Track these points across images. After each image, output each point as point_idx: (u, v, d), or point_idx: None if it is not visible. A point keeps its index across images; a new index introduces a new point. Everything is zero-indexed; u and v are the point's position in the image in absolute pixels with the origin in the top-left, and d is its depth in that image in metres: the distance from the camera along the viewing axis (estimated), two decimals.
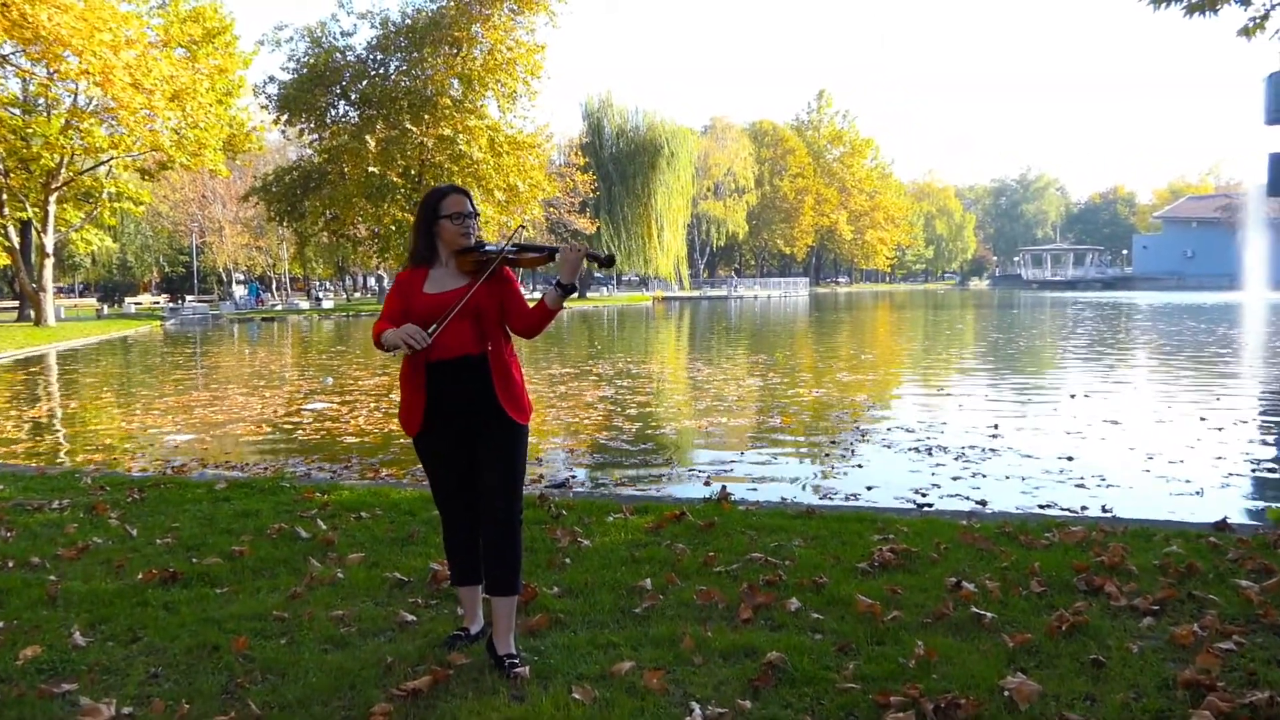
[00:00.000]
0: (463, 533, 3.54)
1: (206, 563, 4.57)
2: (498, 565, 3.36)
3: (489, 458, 3.37)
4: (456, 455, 3.43)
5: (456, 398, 3.36)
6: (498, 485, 3.35)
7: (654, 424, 10.28)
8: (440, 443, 3.44)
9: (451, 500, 3.52)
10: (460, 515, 3.52)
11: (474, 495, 3.45)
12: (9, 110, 27.90)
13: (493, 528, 3.35)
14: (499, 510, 3.34)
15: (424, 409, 3.39)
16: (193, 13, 28.98)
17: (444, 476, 3.49)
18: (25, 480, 6.69)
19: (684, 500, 6.04)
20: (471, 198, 3.54)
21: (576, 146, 57.67)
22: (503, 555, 3.35)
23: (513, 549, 3.36)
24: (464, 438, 3.40)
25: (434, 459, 3.48)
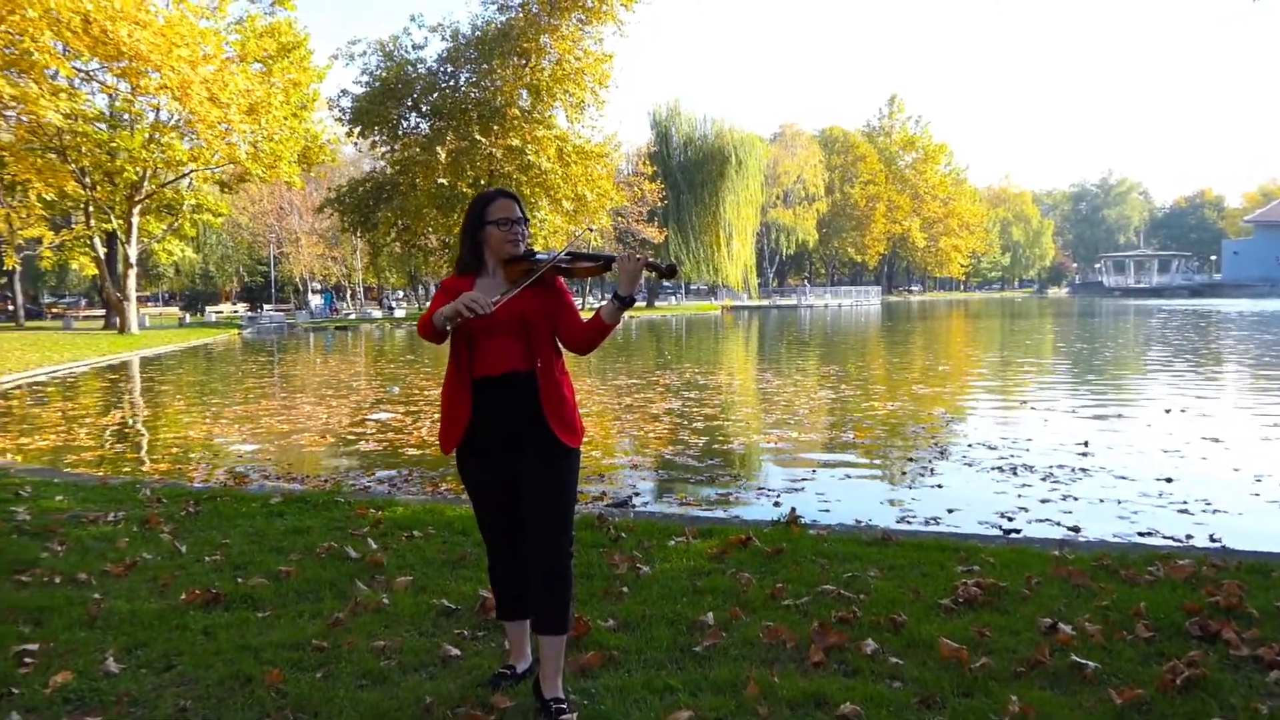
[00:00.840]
0: (508, 563, 3.27)
1: (251, 583, 4.39)
2: (545, 602, 3.08)
3: (536, 483, 3.10)
4: (502, 479, 3.17)
5: (502, 417, 3.11)
6: (545, 514, 3.08)
7: (721, 438, 9.95)
8: (484, 466, 3.18)
9: (496, 528, 3.26)
10: (505, 545, 3.26)
11: (520, 523, 3.18)
12: (95, 126, 28.78)
13: (540, 561, 3.07)
14: (546, 542, 3.07)
15: (465, 428, 3.14)
16: (269, 28, 29.56)
17: (488, 502, 3.23)
18: (86, 491, 6.65)
19: (751, 523, 5.72)
20: (521, 202, 3.28)
21: (644, 155, 57.68)
22: (550, 591, 3.07)
23: (561, 584, 3.08)
24: (510, 461, 3.14)
25: (477, 483, 3.22)
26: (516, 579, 3.26)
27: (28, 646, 3.61)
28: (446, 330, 3.04)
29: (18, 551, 4.94)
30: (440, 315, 2.97)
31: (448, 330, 3.04)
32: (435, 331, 3.05)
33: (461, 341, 3.14)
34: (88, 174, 29.61)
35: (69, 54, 22.11)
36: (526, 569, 3.17)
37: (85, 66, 24.60)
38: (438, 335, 3.08)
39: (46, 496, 6.36)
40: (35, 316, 55.21)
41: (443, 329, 3.02)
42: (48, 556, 4.86)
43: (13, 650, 3.58)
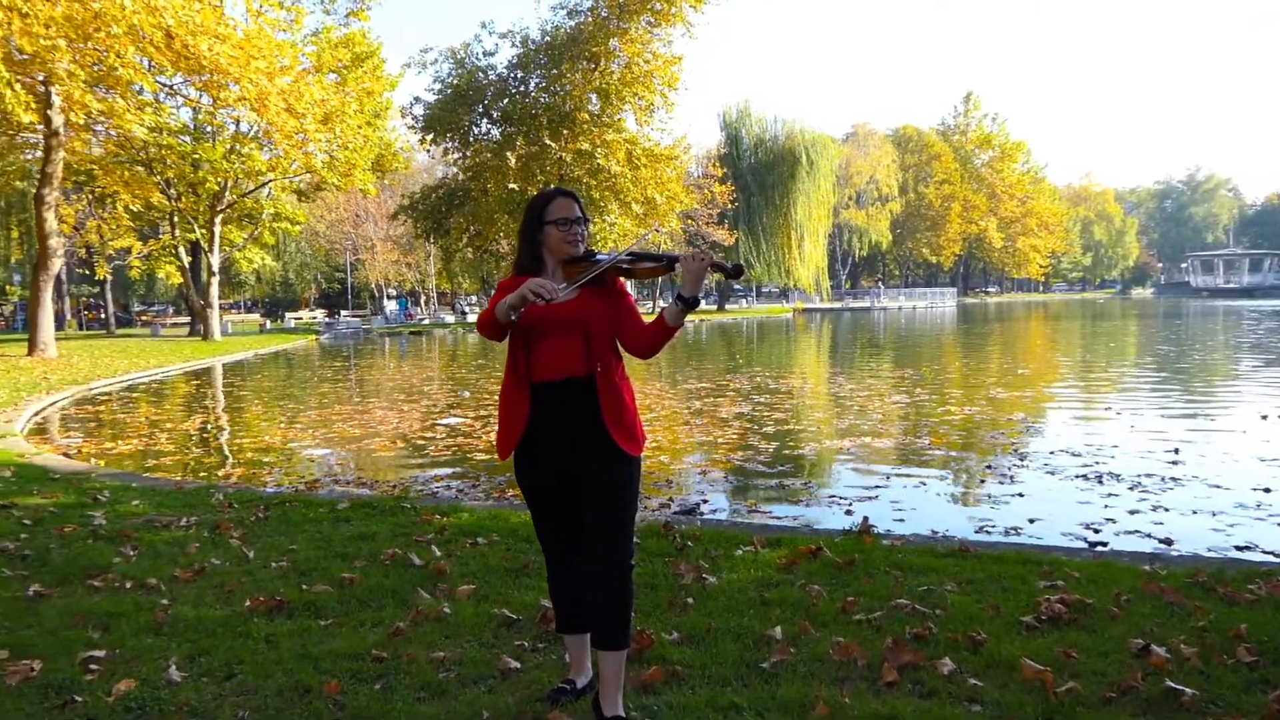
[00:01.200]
0: (567, 574, 3.18)
1: (315, 590, 4.38)
2: (604, 616, 2.98)
3: (595, 493, 3.00)
4: (560, 487, 3.08)
5: (561, 423, 3.02)
6: (604, 525, 2.98)
7: (792, 444, 9.75)
8: (542, 473, 3.09)
9: (554, 538, 3.17)
10: (564, 555, 3.17)
11: (579, 533, 3.09)
12: (180, 138, 29.70)
13: (598, 574, 2.97)
14: (605, 554, 2.97)
15: (523, 432, 3.06)
16: (344, 39, 30.14)
17: (545, 511, 3.15)
18: (162, 495, 6.76)
19: (822, 532, 5.54)
20: (581, 201, 3.18)
21: (714, 157, 57.45)
22: (609, 605, 2.97)
23: (621, 599, 2.98)
24: (568, 468, 3.05)
25: (535, 490, 3.14)
26: (575, 590, 3.16)
27: (94, 653, 3.64)
28: (508, 324, 2.95)
29: (92, 556, 5.02)
30: (503, 305, 2.88)
31: (510, 323, 2.94)
32: (496, 326, 2.97)
33: (519, 344, 3.06)
34: (173, 185, 30.59)
35: (154, 69, 22.85)
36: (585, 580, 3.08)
37: (170, 81, 25.38)
38: (498, 330, 2.99)
39: (124, 501, 6.48)
40: (126, 324, 57.22)
41: (506, 321, 2.92)
42: (120, 562, 4.93)
43: (80, 656, 3.61)
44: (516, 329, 3.03)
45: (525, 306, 2.87)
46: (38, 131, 22.16)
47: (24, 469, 7.96)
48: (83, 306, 59.26)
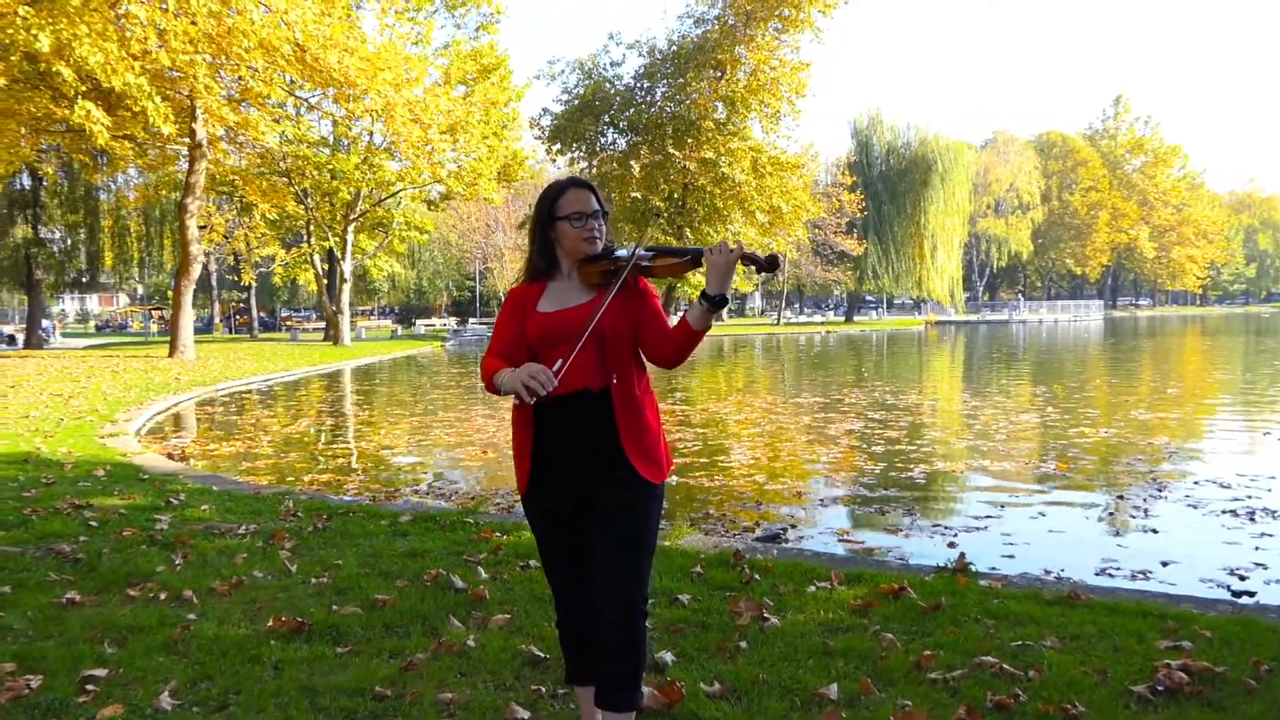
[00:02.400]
0: (579, 618, 2.76)
1: (344, 612, 4.10)
2: (610, 672, 2.55)
3: (606, 525, 2.57)
4: (569, 518, 2.66)
5: (571, 444, 2.60)
6: (614, 564, 2.54)
7: (901, 465, 9.06)
8: (548, 500, 2.68)
9: (563, 575, 2.75)
10: (576, 595, 2.75)
11: (591, 571, 2.66)
12: (318, 150, 30.80)
13: (604, 621, 2.53)
14: (613, 597, 2.53)
15: (531, 457, 2.66)
16: (472, 52, 30.67)
17: (552, 545, 2.73)
18: (236, 500, 6.68)
19: (912, 568, 4.95)
20: (598, 192, 2.77)
21: (843, 165, 56.17)
22: (617, 659, 2.53)
23: (631, 652, 2.53)
24: (579, 495, 2.63)
25: (540, 521, 2.73)
26: (587, 636, 2.74)
27: (97, 672, 3.43)
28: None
29: (140, 564, 4.89)
30: (503, 387, 2.51)
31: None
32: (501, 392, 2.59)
33: (525, 355, 2.67)
34: (309, 195, 31.73)
35: (293, 84, 23.69)
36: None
37: (306, 94, 26.30)
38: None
39: (194, 505, 6.41)
40: (270, 328, 59.95)
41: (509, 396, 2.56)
42: (163, 570, 4.77)
43: (81, 674, 3.41)
44: (530, 340, 2.64)
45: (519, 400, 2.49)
46: (183, 143, 23.28)
47: (119, 468, 8.07)
48: (233, 311, 62.38)
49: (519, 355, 2.65)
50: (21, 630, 3.94)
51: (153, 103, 16.00)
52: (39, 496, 6.64)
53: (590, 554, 2.63)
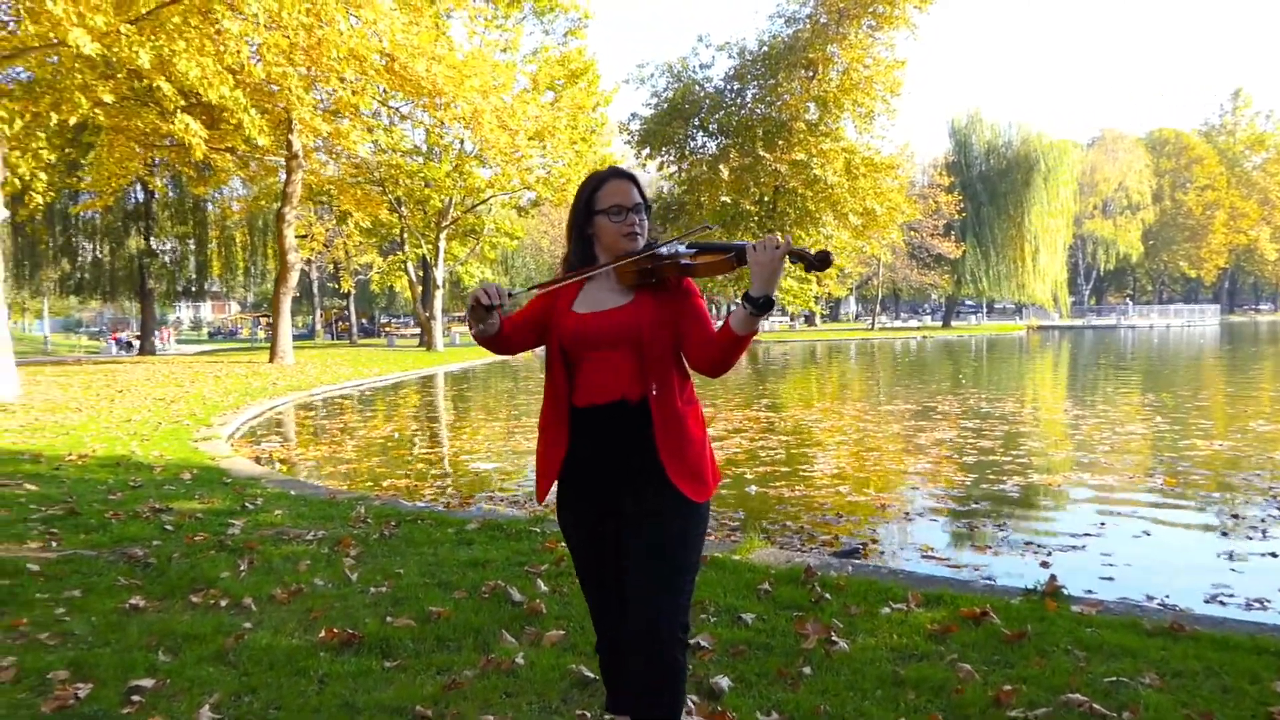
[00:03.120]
0: (617, 644, 2.58)
1: (397, 624, 4.00)
2: (642, 703, 2.36)
3: (643, 546, 2.39)
4: (605, 536, 2.50)
5: (606, 458, 2.44)
6: (650, 587, 2.36)
7: (993, 477, 8.62)
8: (584, 519, 2.53)
9: (600, 597, 2.58)
10: (615, 619, 2.57)
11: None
12: (411, 159, 31.41)
13: (638, 649, 2.35)
14: (649, 624, 2.34)
15: (559, 469, 2.50)
16: (560, 58, 30.87)
17: (589, 567, 2.57)
18: (310, 506, 6.69)
19: (997, 589, 4.62)
20: (640, 184, 2.58)
21: (941, 166, 54.77)
22: (651, 691, 2.34)
23: (669, 684, 2.34)
24: (616, 512, 2.46)
25: (575, 539, 2.57)
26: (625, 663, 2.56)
27: (144, 682, 3.39)
28: (494, 329, 2.46)
29: (207, 569, 4.90)
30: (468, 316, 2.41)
31: (493, 329, 2.46)
32: (484, 340, 2.50)
33: (559, 360, 2.51)
34: (403, 203, 32.39)
35: (386, 94, 24.18)
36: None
37: (399, 104, 26.82)
38: (492, 346, 2.53)
39: (269, 510, 6.44)
40: (369, 334, 61.52)
41: (483, 334, 2.47)
42: (228, 577, 4.77)
43: (129, 684, 3.38)
44: (564, 342, 2.49)
45: (480, 319, 2.40)
46: (281, 155, 23.99)
47: (206, 472, 8.22)
48: (334, 318, 64.18)
49: (523, 330, 2.56)
50: (82, 636, 3.95)
51: (248, 115, 16.45)
52: (124, 499, 6.78)
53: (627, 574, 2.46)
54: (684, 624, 2.37)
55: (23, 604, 4.36)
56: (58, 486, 7.24)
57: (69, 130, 23.71)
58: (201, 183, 28.78)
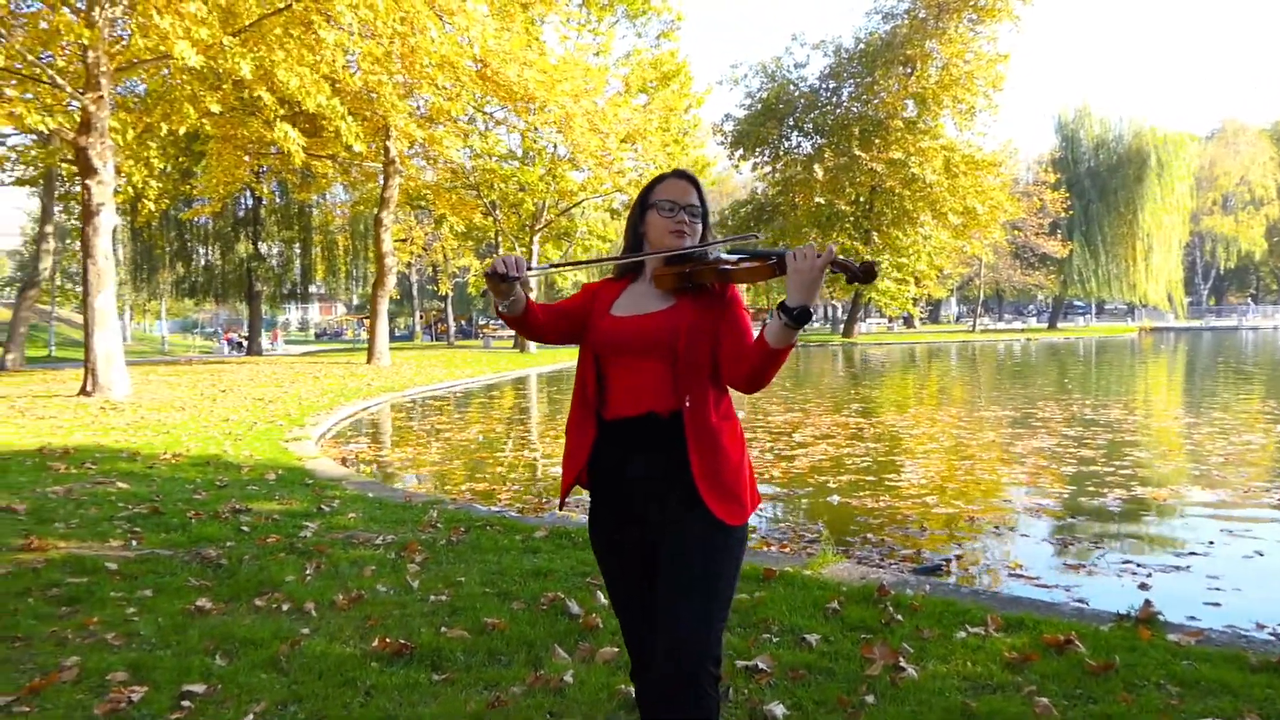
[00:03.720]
0: (645, 666, 2.43)
1: (450, 635, 3.94)
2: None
3: (672, 570, 2.25)
4: (625, 546, 2.37)
5: (636, 474, 2.30)
6: (679, 615, 2.21)
7: (1093, 489, 8.17)
8: (613, 536, 2.40)
9: (633, 621, 2.45)
10: (641, 642, 2.43)
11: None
12: (506, 163, 31.83)
13: (662, 678, 2.20)
14: (675, 652, 2.19)
15: (575, 478, 2.39)
16: (653, 60, 30.85)
17: (620, 589, 2.44)
18: (384, 508, 6.73)
19: (1087, 614, 4.31)
20: (702, 189, 2.47)
21: (1046, 162, 52.91)
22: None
23: (693, 715, 2.18)
24: (645, 531, 2.33)
25: (605, 559, 2.45)
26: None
27: (195, 688, 3.40)
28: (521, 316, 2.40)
29: (274, 572, 4.93)
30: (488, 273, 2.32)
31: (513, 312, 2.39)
32: (509, 320, 2.42)
33: (589, 365, 2.39)
34: (498, 206, 32.84)
35: (481, 99, 24.54)
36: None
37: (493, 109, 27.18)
38: (518, 327, 2.46)
39: (343, 513, 6.50)
40: (467, 336, 62.65)
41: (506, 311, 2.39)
42: (293, 580, 4.79)
43: (182, 688, 3.39)
44: (597, 344, 2.37)
45: (502, 291, 2.31)
46: (379, 161, 24.55)
47: (290, 473, 8.37)
48: (434, 320, 65.58)
49: (555, 317, 2.47)
50: (147, 637, 4.00)
51: (345, 122, 16.82)
52: (208, 499, 6.93)
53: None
54: (715, 657, 2.21)
55: (97, 602, 4.45)
56: (148, 485, 7.45)
57: (182, 140, 24.79)
58: (304, 189, 29.68)
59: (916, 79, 38.28)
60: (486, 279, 2.31)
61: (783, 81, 41.41)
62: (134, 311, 56.37)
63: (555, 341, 2.53)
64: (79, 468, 8.26)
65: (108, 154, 15.30)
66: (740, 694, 3.33)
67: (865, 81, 39.16)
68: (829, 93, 41.13)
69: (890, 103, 37.95)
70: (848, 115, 39.57)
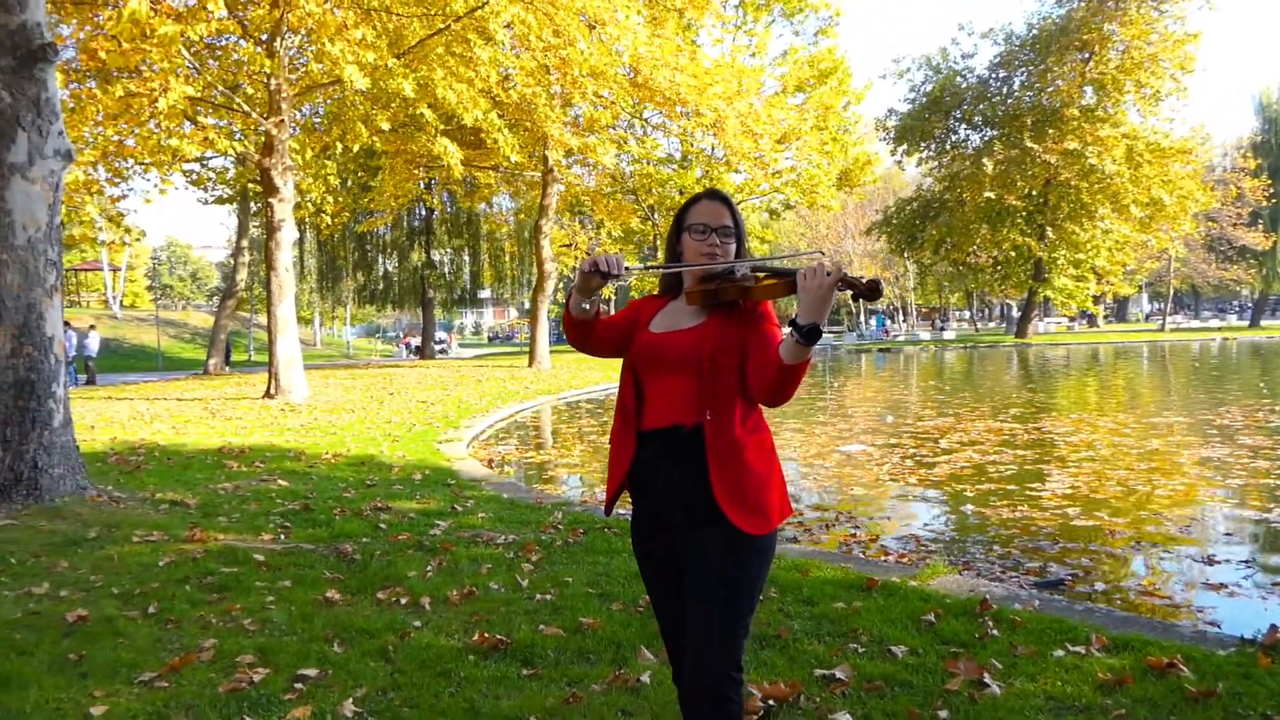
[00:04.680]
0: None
1: (547, 632, 4.13)
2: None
3: (697, 580, 2.34)
4: (669, 564, 2.47)
5: (665, 484, 2.40)
6: (703, 623, 2.30)
7: (1257, 503, 7.60)
8: (650, 546, 2.51)
9: (669, 624, 2.54)
10: (673, 645, 2.53)
11: None
12: (663, 167, 32.24)
13: (690, 687, 2.30)
14: (701, 665, 2.28)
15: (619, 488, 2.50)
16: (810, 58, 30.53)
17: (656, 594, 2.54)
18: (514, 509, 7.03)
19: (1209, 639, 4.06)
20: (735, 210, 2.54)
21: (1245, 147, 48.87)
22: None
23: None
24: (674, 540, 2.43)
25: (643, 565, 2.56)
26: None
27: (309, 671, 3.71)
28: (585, 318, 2.50)
29: (399, 568, 5.27)
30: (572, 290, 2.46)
31: (587, 317, 2.50)
32: (572, 323, 2.53)
33: (630, 379, 2.51)
34: (656, 210, 33.30)
35: (638, 105, 24.97)
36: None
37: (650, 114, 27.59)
38: (576, 331, 2.56)
39: (474, 513, 6.84)
40: None
41: (579, 313, 2.49)
42: (414, 576, 5.11)
43: (297, 672, 3.71)
44: (632, 358, 2.49)
45: (592, 288, 2.42)
46: (538, 169, 25.40)
47: (436, 473, 8.85)
48: None
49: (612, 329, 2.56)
50: (279, 624, 4.37)
51: (503, 135, 17.51)
52: (355, 498, 7.44)
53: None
54: (737, 663, 2.28)
55: (242, 590, 4.89)
56: (305, 483, 8.06)
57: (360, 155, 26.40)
58: (470, 198, 30.98)
59: (1095, 63, 36.24)
60: (582, 275, 2.44)
61: (949, 73, 40.07)
62: (323, 318, 60.28)
63: (605, 353, 2.63)
64: (249, 466, 9.02)
65: (288, 174, 16.53)
66: (811, 702, 3.36)
67: (1039, 69, 37.36)
68: (999, 82, 39.50)
69: (1066, 90, 36.07)
70: (1019, 105, 37.87)
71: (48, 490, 6.58)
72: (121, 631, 4.23)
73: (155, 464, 9.20)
